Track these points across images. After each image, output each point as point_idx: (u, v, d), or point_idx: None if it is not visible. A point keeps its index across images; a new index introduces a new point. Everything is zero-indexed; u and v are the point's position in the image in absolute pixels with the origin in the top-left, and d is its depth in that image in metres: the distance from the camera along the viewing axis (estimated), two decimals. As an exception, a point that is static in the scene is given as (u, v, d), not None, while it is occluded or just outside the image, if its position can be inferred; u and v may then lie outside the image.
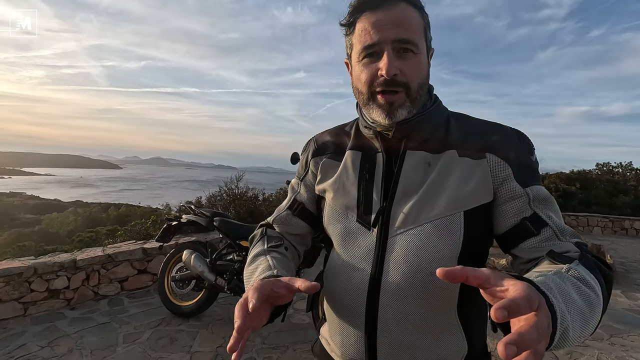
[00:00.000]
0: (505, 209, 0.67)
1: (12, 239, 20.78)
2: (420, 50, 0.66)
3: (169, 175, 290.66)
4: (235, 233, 2.91)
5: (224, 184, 6.11)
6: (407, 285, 0.65)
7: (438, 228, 0.65)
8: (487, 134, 0.70)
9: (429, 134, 0.71)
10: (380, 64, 0.65)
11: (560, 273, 0.51)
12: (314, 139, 0.87)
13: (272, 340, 2.72)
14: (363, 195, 0.72)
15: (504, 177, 0.66)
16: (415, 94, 0.67)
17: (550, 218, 0.65)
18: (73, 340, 2.63)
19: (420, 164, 0.70)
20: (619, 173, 13.28)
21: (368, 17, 0.66)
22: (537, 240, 0.64)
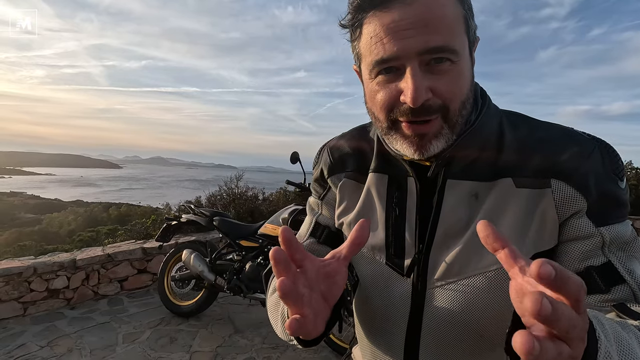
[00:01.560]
0: (570, 249, 0.50)
1: (13, 238, 20.80)
2: (460, 55, 0.47)
3: (169, 175, 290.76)
4: (234, 233, 2.91)
5: (223, 183, 6.11)
6: (450, 345, 0.55)
7: (490, 281, 0.51)
8: (555, 150, 0.50)
9: (477, 153, 0.54)
10: (402, 84, 0.47)
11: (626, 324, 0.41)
12: (329, 150, 0.69)
13: (272, 340, 2.72)
14: (392, 234, 0.58)
15: (576, 210, 0.49)
16: (455, 118, 0.49)
17: (632, 273, 0.48)
18: (73, 340, 2.63)
19: (465, 196, 0.54)
20: (620, 172, 13.30)
21: (378, 17, 0.46)
22: (602, 299, 0.48)
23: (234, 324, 2.99)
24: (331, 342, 2.54)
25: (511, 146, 0.53)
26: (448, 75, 0.47)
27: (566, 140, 0.51)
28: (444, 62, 0.46)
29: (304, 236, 0.72)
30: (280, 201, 6.30)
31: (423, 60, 0.46)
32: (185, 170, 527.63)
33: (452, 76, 0.47)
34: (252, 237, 2.86)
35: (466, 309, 0.52)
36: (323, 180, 0.70)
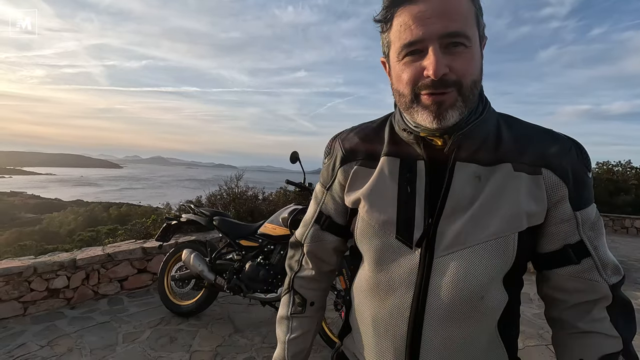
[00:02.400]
0: (553, 231, 0.62)
1: (13, 238, 20.82)
2: (472, 42, 0.57)
3: (169, 175, 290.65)
4: (234, 232, 2.91)
5: (224, 183, 6.11)
6: (455, 310, 0.61)
7: (491, 250, 0.59)
8: (544, 146, 0.62)
9: (480, 142, 0.63)
10: (425, 62, 0.56)
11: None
12: (340, 142, 0.76)
13: (272, 340, 2.72)
14: (404, 210, 0.64)
15: (560, 197, 0.61)
16: (468, 92, 0.58)
17: (597, 248, 0.62)
18: (73, 339, 2.63)
19: (470, 178, 0.62)
20: (619, 172, 13.26)
21: (408, 9, 0.56)
22: (574, 270, 0.62)
23: (233, 323, 2.99)
24: (331, 342, 2.54)
25: (508, 139, 0.63)
26: (462, 57, 0.56)
27: (551, 138, 0.63)
28: (459, 46, 0.56)
29: (309, 222, 0.81)
30: (280, 201, 6.30)
31: (442, 42, 0.55)
32: (185, 170, 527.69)
33: (466, 58, 0.56)
34: (252, 236, 2.86)
35: (469, 273, 0.59)
36: (333, 171, 0.76)
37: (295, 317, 0.82)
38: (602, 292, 0.62)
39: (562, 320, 0.67)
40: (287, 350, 0.81)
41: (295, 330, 0.81)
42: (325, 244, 0.80)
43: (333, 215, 0.78)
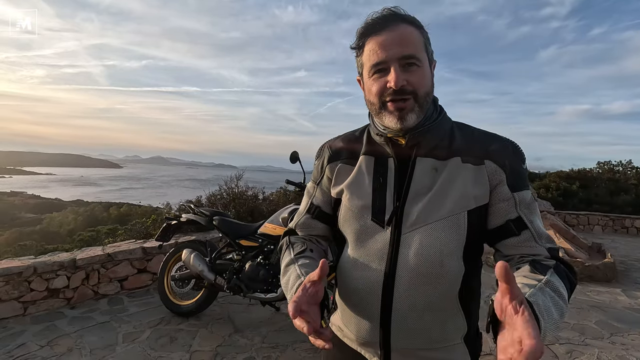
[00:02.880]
0: (496, 209, 0.77)
1: (13, 238, 20.81)
2: (422, 63, 0.74)
3: (169, 174, 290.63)
4: (234, 232, 2.90)
5: (224, 183, 6.10)
6: (419, 275, 0.74)
7: (446, 225, 0.74)
8: (487, 144, 0.79)
9: (436, 142, 0.79)
10: (389, 77, 0.73)
11: (542, 288, 0.63)
12: (328, 146, 0.93)
13: (272, 340, 2.72)
14: (378, 197, 0.80)
15: (498, 181, 0.77)
16: (422, 101, 0.75)
17: (532, 222, 0.76)
18: (73, 339, 2.63)
19: (428, 169, 0.78)
20: (620, 172, 13.24)
21: (375, 39, 0.74)
22: (516, 240, 0.76)
23: (233, 323, 2.99)
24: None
25: (459, 140, 0.80)
26: (416, 73, 0.74)
27: (494, 138, 0.80)
28: (413, 65, 0.74)
29: (303, 213, 0.95)
30: (280, 201, 6.30)
31: (401, 63, 0.73)
32: (185, 169, 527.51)
33: (418, 74, 0.74)
34: (252, 236, 2.86)
35: (430, 244, 0.74)
36: (322, 169, 0.92)
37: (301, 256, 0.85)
38: (541, 252, 0.75)
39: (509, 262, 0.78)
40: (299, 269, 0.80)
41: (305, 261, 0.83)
42: (314, 230, 0.93)
43: (322, 205, 0.92)
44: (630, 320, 3.42)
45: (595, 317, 3.46)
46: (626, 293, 4.27)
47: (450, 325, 0.78)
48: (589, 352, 2.74)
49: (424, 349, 0.78)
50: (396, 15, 0.74)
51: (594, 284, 4.56)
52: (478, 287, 0.83)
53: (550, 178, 12.53)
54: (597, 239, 7.38)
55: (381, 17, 0.74)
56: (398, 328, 0.77)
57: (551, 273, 0.68)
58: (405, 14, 0.75)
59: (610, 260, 4.93)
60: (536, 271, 0.69)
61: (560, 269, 0.71)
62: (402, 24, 0.74)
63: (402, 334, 0.77)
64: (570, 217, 9.74)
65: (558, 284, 0.66)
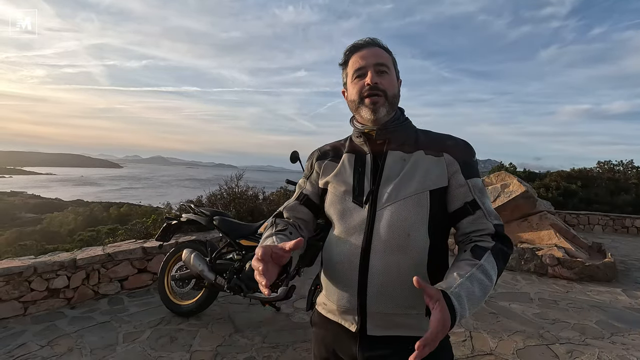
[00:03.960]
0: (455, 194, 0.95)
1: (14, 238, 20.81)
2: (391, 72, 0.99)
3: (169, 174, 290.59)
4: (234, 232, 2.90)
5: (224, 182, 6.10)
6: (390, 243, 0.89)
7: (412, 202, 0.92)
8: (444, 141, 1.00)
9: (404, 139, 1.00)
10: (366, 79, 0.96)
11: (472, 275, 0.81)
12: (318, 149, 1.15)
13: (272, 340, 2.72)
14: (357, 183, 0.98)
15: (454, 170, 0.95)
16: (391, 100, 0.98)
17: (484, 204, 0.94)
18: (73, 339, 2.63)
19: (398, 159, 0.97)
20: (620, 171, 13.22)
21: (357, 54, 1.00)
22: (472, 218, 0.94)
23: (234, 323, 2.99)
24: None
25: (423, 139, 1.01)
26: (386, 78, 0.98)
27: (450, 137, 1.01)
28: (384, 72, 0.98)
29: (292, 200, 1.13)
30: (280, 200, 6.29)
31: (375, 69, 0.97)
32: (185, 169, 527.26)
33: (388, 79, 0.98)
34: (252, 236, 2.86)
35: (399, 217, 0.91)
36: (311, 166, 1.13)
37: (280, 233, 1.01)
38: (489, 230, 0.92)
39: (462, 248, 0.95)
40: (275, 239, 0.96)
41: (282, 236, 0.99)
42: (299, 213, 1.11)
43: (310, 194, 1.11)
44: (630, 320, 3.42)
45: (596, 317, 3.45)
46: (626, 293, 4.27)
47: (419, 293, 0.83)
48: (589, 352, 2.74)
49: (397, 314, 0.90)
50: (373, 41, 1.01)
51: (594, 284, 4.56)
52: (446, 265, 0.96)
53: (550, 178, 12.52)
54: (597, 238, 7.38)
55: (363, 41, 1.01)
56: (373, 293, 0.89)
57: (487, 255, 0.86)
58: (381, 43, 1.01)
59: (611, 260, 4.92)
60: (474, 256, 0.87)
61: (496, 248, 0.89)
62: (377, 47, 1.00)
63: (377, 299, 0.89)
64: (571, 216, 9.73)
65: (489, 267, 0.84)
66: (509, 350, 2.70)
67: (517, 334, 2.96)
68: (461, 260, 0.87)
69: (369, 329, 0.91)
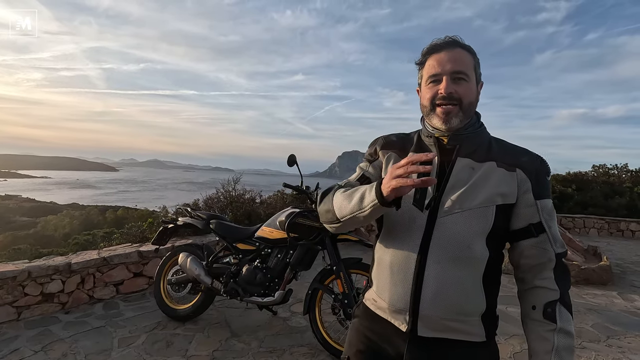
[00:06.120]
0: (521, 213, 0.92)
1: (8, 241, 20.60)
2: (470, 79, 0.93)
3: (166, 178, 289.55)
4: (231, 236, 2.89)
5: (221, 186, 6.08)
6: (449, 253, 0.88)
7: (476, 214, 0.88)
8: (519, 156, 0.95)
9: (475, 147, 0.95)
10: (440, 86, 0.92)
11: (558, 347, 0.86)
12: (382, 137, 1.10)
13: (269, 344, 2.71)
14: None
15: (526, 189, 0.91)
16: (466, 108, 0.93)
17: (550, 228, 0.92)
18: (67, 344, 2.60)
19: (467, 167, 0.93)
20: (615, 175, 13.33)
21: (434, 56, 0.94)
22: (535, 241, 0.91)
23: (230, 327, 2.97)
24: (329, 346, 2.53)
25: (495, 149, 0.97)
26: (463, 86, 0.92)
27: (526, 152, 0.97)
28: (462, 80, 0.92)
29: (354, 179, 1.09)
30: (277, 204, 6.28)
31: (452, 76, 0.91)
32: (182, 172, 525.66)
33: (465, 87, 0.92)
34: (249, 240, 2.85)
35: (461, 229, 0.88)
36: (375, 152, 1.08)
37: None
38: (550, 257, 0.91)
39: (523, 279, 0.96)
40: None
41: None
42: None
43: (372, 177, 1.06)
44: (626, 323, 3.43)
45: (592, 320, 3.47)
46: (622, 296, 4.29)
47: (472, 301, 0.90)
48: (585, 355, 2.74)
49: (447, 319, 0.89)
50: (455, 41, 0.94)
51: (590, 287, 4.58)
52: (499, 277, 0.97)
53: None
54: (592, 242, 7.42)
55: (443, 41, 0.94)
56: (427, 298, 0.88)
57: (559, 311, 0.88)
58: (462, 42, 0.94)
59: (606, 263, 4.95)
60: (549, 319, 0.88)
61: (564, 297, 0.89)
62: (458, 48, 0.93)
63: (430, 304, 0.89)
64: (566, 220, 9.79)
65: (566, 324, 0.87)
66: (506, 353, 2.71)
67: (514, 338, 2.97)
68: (536, 324, 0.91)
69: (419, 330, 0.90)
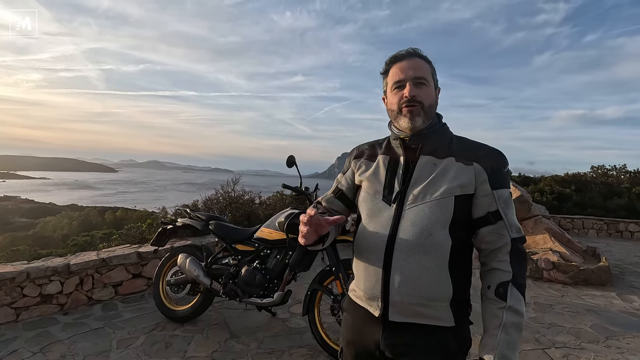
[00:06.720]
0: (479, 202, 1.00)
1: (6, 242, 20.54)
2: (429, 84, 1.05)
3: (165, 179, 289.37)
4: (230, 236, 2.89)
5: (220, 187, 6.07)
6: (413, 241, 0.96)
7: (437, 205, 0.97)
8: (477, 151, 1.04)
9: (437, 145, 1.06)
10: (404, 91, 1.03)
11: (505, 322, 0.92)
12: (356, 147, 1.24)
13: (268, 345, 2.70)
14: (388, 183, 1.06)
15: (482, 180, 1.00)
16: (427, 110, 1.04)
17: (506, 215, 0.99)
18: (66, 345, 2.59)
19: (429, 163, 1.03)
20: (613, 176, 13.36)
21: (397, 65, 1.06)
22: (492, 227, 0.99)
23: (229, 328, 2.96)
24: (328, 347, 2.53)
25: (455, 146, 1.06)
26: (424, 90, 1.04)
27: (483, 146, 1.06)
28: (422, 84, 1.04)
29: (329, 193, 1.26)
30: (276, 205, 6.28)
31: (413, 81, 1.03)
32: (181, 173, 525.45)
33: (425, 91, 1.05)
34: (249, 241, 2.85)
35: (423, 217, 0.97)
36: (349, 163, 1.23)
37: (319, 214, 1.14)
38: (507, 242, 0.98)
39: (484, 263, 1.03)
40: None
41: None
42: (334, 206, 1.23)
43: (345, 189, 1.22)
44: (625, 324, 3.44)
45: (591, 321, 3.47)
46: (621, 296, 4.30)
47: (438, 287, 0.96)
48: (584, 355, 2.75)
49: (415, 305, 0.97)
50: (414, 52, 1.07)
51: (589, 288, 4.59)
52: (467, 266, 1.04)
53: (545, 182, 12.62)
54: (591, 242, 7.44)
55: (404, 52, 1.07)
56: (395, 284, 0.97)
57: (510, 291, 0.94)
58: (421, 53, 1.07)
59: (605, 264, 4.96)
60: (500, 297, 0.95)
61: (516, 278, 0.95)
62: (417, 58, 1.06)
63: (398, 290, 0.97)
64: (565, 221, 9.80)
65: (517, 304, 0.93)
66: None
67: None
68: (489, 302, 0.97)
69: (390, 315, 0.99)
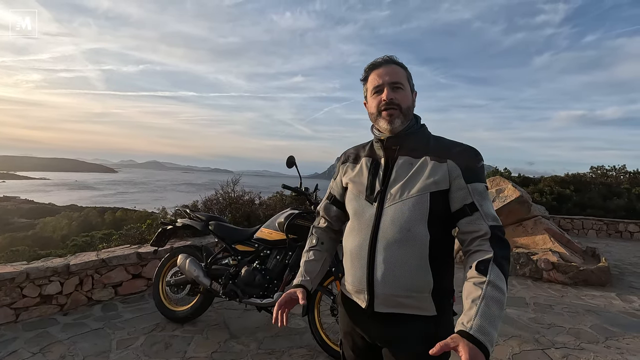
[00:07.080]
0: (455, 196, 1.06)
1: (6, 243, 20.52)
2: (405, 88, 1.14)
3: (165, 179, 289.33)
4: (230, 237, 2.89)
5: (220, 187, 6.07)
6: (393, 236, 1.03)
7: (414, 202, 1.04)
8: (451, 148, 1.10)
9: (414, 146, 1.13)
10: (383, 95, 1.12)
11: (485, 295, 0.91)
12: (344, 153, 1.33)
13: (268, 345, 2.70)
14: (370, 183, 1.14)
15: (456, 175, 1.06)
16: (405, 112, 1.12)
17: (482, 206, 1.03)
18: (65, 346, 2.59)
19: (406, 163, 1.11)
20: (613, 176, 13.36)
21: (375, 72, 1.15)
22: (469, 219, 1.04)
23: (229, 329, 2.96)
24: (327, 348, 2.53)
25: (432, 145, 1.13)
26: (401, 93, 1.12)
27: (457, 144, 1.12)
28: (399, 89, 1.12)
29: (324, 200, 1.35)
30: (276, 205, 6.28)
31: (391, 86, 1.12)
32: (181, 174, 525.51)
33: (402, 94, 1.13)
34: (248, 241, 2.85)
35: (401, 214, 1.04)
36: (338, 169, 1.31)
37: (312, 249, 1.31)
38: (486, 231, 1.01)
39: (465, 251, 1.06)
40: (303, 266, 1.26)
41: (311, 257, 1.29)
42: (331, 212, 1.31)
43: (336, 194, 1.30)
44: (625, 324, 3.44)
45: (590, 321, 3.47)
46: (621, 297, 4.30)
47: (419, 279, 1.02)
48: (584, 356, 2.75)
49: (398, 296, 1.03)
50: (390, 59, 1.15)
51: (588, 288, 4.59)
52: (447, 258, 1.09)
53: (544, 183, 12.62)
54: (591, 243, 7.44)
55: (381, 59, 1.15)
56: (378, 277, 1.04)
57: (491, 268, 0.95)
58: (396, 60, 1.15)
59: (605, 264, 4.95)
60: (480, 273, 0.96)
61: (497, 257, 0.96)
62: (393, 64, 1.14)
63: (382, 283, 1.04)
64: (565, 221, 9.80)
65: (497, 280, 0.94)
66: (505, 355, 2.71)
67: (513, 339, 2.97)
68: (469, 280, 0.97)
69: (375, 306, 1.06)
